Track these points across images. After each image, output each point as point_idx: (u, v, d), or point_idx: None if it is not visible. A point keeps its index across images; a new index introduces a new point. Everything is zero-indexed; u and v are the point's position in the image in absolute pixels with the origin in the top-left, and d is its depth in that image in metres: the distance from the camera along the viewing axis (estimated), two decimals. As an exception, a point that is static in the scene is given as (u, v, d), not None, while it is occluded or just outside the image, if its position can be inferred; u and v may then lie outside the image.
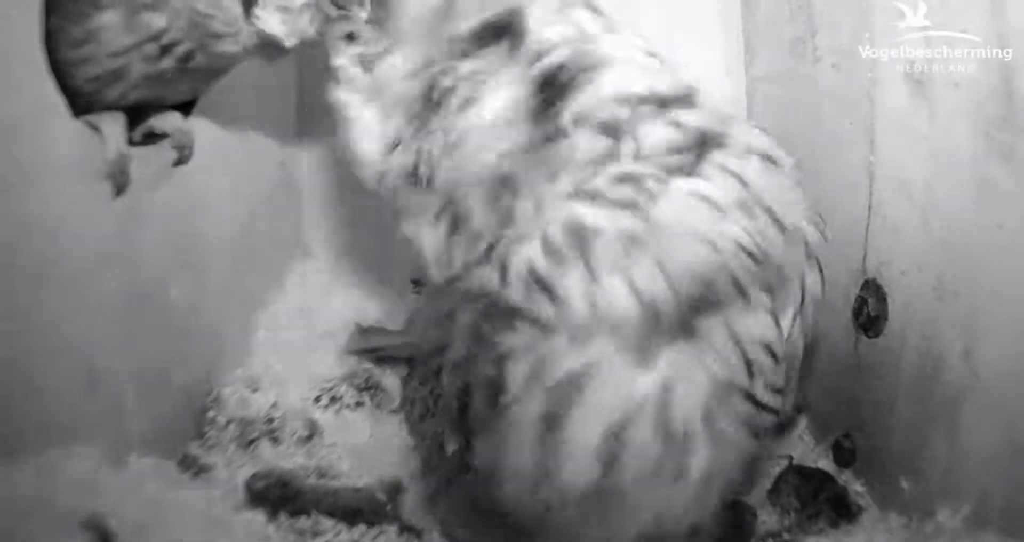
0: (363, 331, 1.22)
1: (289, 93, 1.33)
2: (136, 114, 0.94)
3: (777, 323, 0.72)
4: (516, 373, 0.69)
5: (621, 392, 0.68)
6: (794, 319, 0.75)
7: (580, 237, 0.68)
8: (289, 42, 0.85)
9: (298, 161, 1.38)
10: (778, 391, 0.74)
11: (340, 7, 0.82)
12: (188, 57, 0.86)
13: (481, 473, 0.74)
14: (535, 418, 0.69)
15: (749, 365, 0.70)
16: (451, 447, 0.76)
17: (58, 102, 0.82)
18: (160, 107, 0.97)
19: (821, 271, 0.77)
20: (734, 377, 0.69)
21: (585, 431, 0.68)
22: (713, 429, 0.70)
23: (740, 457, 0.73)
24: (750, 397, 0.71)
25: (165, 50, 0.85)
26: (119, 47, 0.84)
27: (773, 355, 0.72)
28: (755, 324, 0.70)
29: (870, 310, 0.97)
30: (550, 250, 0.68)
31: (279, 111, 1.31)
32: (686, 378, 0.68)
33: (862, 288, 0.98)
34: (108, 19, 0.83)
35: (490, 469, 0.73)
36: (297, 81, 1.35)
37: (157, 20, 0.84)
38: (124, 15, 0.84)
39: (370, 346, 1.19)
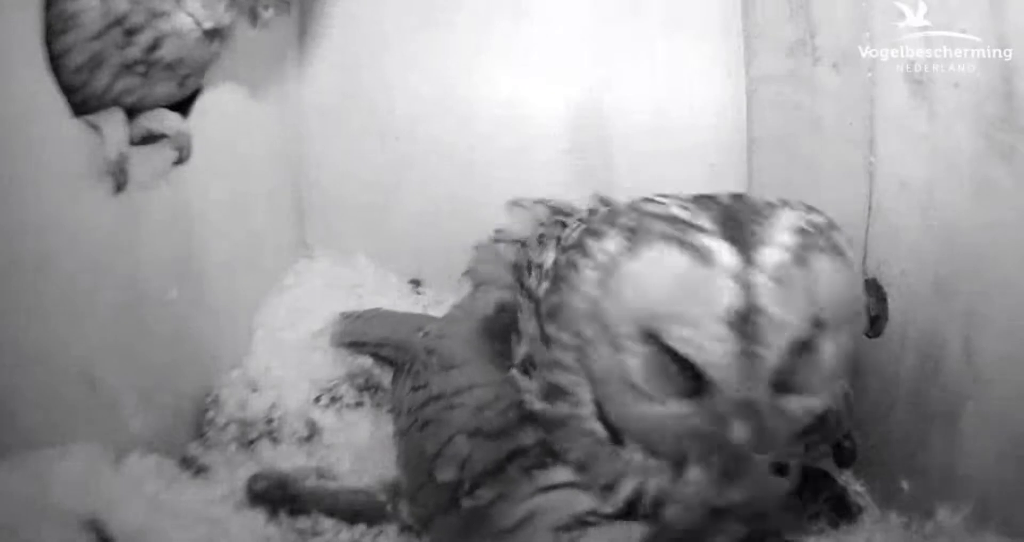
0: (346, 318, 1.21)
1: (290, 92, 1.33)
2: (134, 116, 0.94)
3: None
4: None
5: None
6: None
7: None
8: (206, 25, 0.92)
9: (299, 160, 1.38)
10: None
11: None
12: (153, 47, 0.89)
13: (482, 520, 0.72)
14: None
15: None
16: (444, 476, 0.74)
17: (58, 101, 0.82)
18: (154, 107, 0.97)
19: None
20: None
21: None
22: None
23: None
24: None
25: (130, 36, 0.87)
26: (94, 31, 0.85)
27: None
28: None
29: (870, 310, 0.96)
30: None
31: (280, 110, 1.31)
32: None
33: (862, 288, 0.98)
34: (87, 1, 0.84)
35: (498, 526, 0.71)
36: (299, 80, 1.35)
37: (121, 3, 0.85)
38: None
39: (354, 338, 1.18)
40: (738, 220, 0.58)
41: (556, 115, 1.33)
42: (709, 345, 0.56)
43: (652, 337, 0.58)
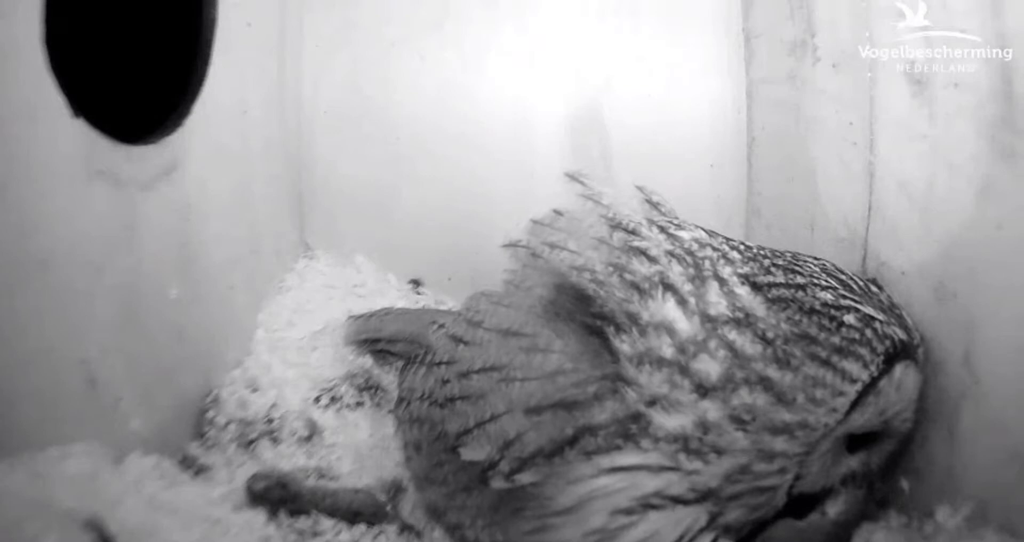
0: (357, 319, 1.21)
1: (291, 92, 1.33)
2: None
3: None
4: None
5: None
6: None
7: None
8: None
9: (299, 160, 1.38)
10: None
11: None
12: None
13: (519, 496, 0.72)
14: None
15: None
16: (473, 455, 0.73)
17: (58, 101, 0.82)
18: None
19: None
20: None
21: None
22: None
23: None
24: None
25: None
26: None
27: None
28: None
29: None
30: None
31: (280, 110, 1.31)
32: None
33: (862, 288, 0.98)
34: None
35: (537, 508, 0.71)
36: (299, 79, 1.35)
37: None
38: None
39: (367, 335, 1.18)
40: (908, 327, 0.78)
41: (556, 115, 1.33)
42: (912, 416, 0.80)
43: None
